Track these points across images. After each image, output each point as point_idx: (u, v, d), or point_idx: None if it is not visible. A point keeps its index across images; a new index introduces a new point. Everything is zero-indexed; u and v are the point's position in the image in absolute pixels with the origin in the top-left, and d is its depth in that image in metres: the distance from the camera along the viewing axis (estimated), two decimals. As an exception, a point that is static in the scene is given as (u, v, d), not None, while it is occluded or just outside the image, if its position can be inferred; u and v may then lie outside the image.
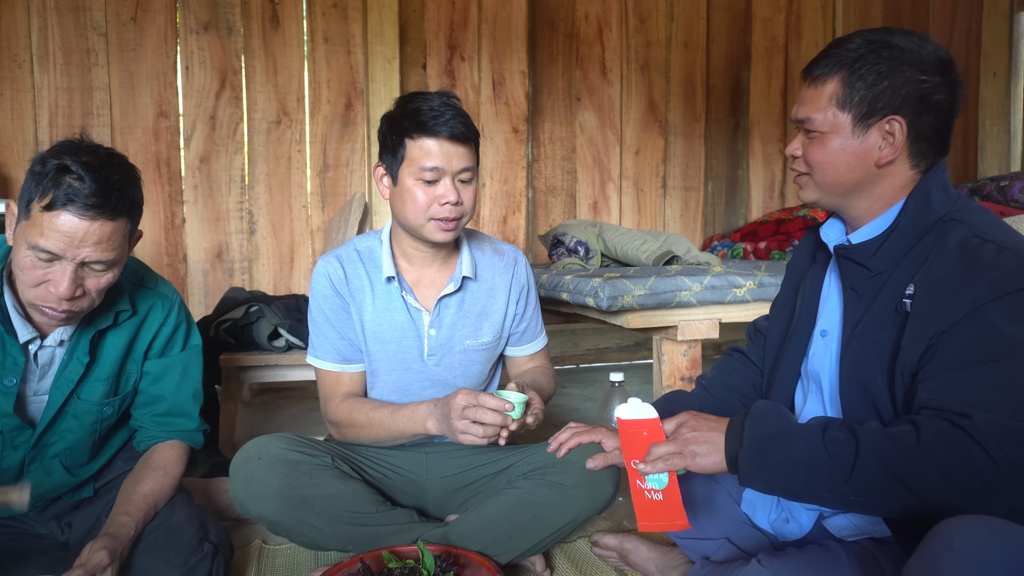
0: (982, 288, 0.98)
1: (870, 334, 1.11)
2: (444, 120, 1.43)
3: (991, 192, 3.30)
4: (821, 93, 1.13)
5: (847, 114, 1.10)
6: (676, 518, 1.11)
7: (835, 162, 1.12)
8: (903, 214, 1.11)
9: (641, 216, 4.22)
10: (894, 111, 1.08)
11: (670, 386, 2.16)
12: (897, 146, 1.09)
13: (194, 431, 1.56)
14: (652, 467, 1.09)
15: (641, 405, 1.19)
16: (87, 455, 1.48)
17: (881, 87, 1.08)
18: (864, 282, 1.15)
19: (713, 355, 4.33)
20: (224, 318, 2.33)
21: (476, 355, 1.62)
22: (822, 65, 1.13)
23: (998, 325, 0.96)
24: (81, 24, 3.15)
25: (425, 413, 1.45)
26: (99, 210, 1.21)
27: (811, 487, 1.00)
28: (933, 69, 1.08)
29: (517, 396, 1.34)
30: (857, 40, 1.11)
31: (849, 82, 1.10)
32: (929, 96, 1.08)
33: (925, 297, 1.04)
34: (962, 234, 1.05)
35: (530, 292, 1.71)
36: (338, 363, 1.58)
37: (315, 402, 1.65)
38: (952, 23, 4.62)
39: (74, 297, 1.25)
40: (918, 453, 0.93)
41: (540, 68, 3.97)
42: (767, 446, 1.04)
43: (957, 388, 0.97)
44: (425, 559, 1.33)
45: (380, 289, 1.57)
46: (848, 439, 0.98)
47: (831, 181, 1.14)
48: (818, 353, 1.24)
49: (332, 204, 3.55)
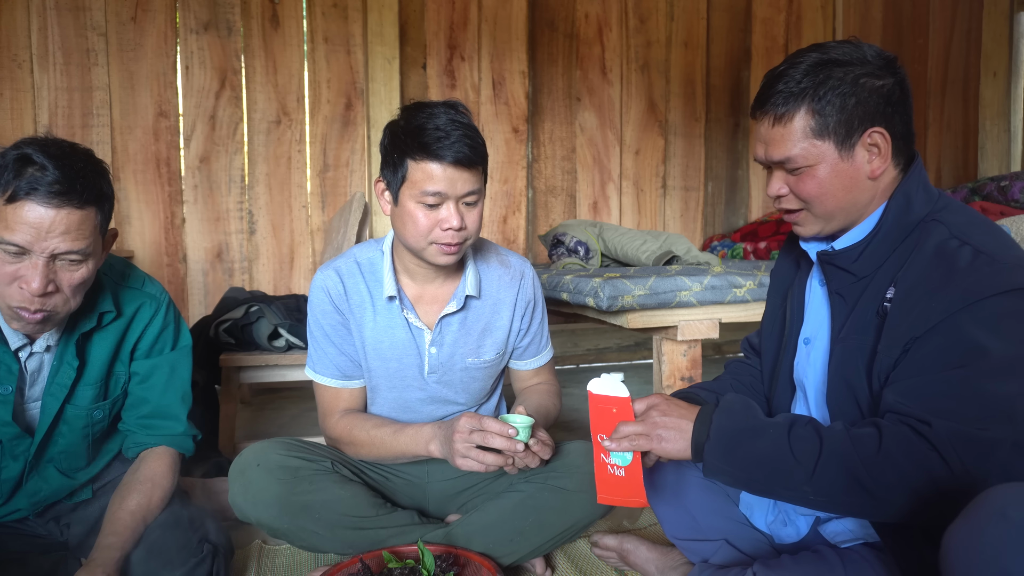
0: (956, 294, 0.98)
1: (853, 338, 1.12)
2: (449, 143, 1.33)
3: (991, 192, 3.30)
4: (791, 130, 1.09)
5: (828, 141, 1.08)
6: (635, 495, 1.14)
7: (832, 189, 1.10)
8: (885, 217, 1.10)
9: (641, 216, 4.21)
10: (871, 123, 1.07)
11: (670, 386, 2.16)
12: (885, 154, 1.09)
13: (182, 435, 1.50)
14: (618, 445, 1.12)
15: (614, 382, 1.19)
16: (83, 459, 1.46)
17: (851, 105, 1.07)
18: (849, 286, 1.15)
19: (713, 355, 4.33)
20: (224, 318, 2.33)
21: (477, 372, 1.59)
22: (778, 103, 1.10)
23: (969, 332, 0.96)
24: (81, 24, 3.15)
25: (429, 435, 1.42)
26: (64, 197, 1.16)
27: (773, 484, 1.03)
28: (883, 71, 1.08)
29: (522, 420, 1.30)
30: (800, 67, 1.09)
31: (818, 110, 1.07)
32: (891, 96, 1.08)
33: (902, 301, 1.04)
34: (941, 235, 1.05)
35: (536, 306, 1.65)
36: (338, 379, 1.56)
37: (315, 401, 1.64)
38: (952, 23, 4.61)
39: (47, 293, 1.20)
40: (879, 457, 0.95)
41: (540, 68, 3.97)
42: (733, 441, 1.06)
43: (922, 393, 0.98)
44: (425, 559, 1.33)
45: (381, 305, 1.52)
46: (812, 438, 1.01)
47: (833, 209, 1.12)
48: (801, 361, 1.25)
49: (332, 204, 3.55)
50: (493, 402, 1.71)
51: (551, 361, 1.73)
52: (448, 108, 1.39)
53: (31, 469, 1.39)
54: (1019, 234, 2.75)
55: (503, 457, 1.29)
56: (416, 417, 1.58)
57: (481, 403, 1.66)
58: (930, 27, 4.66)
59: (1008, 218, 2.90)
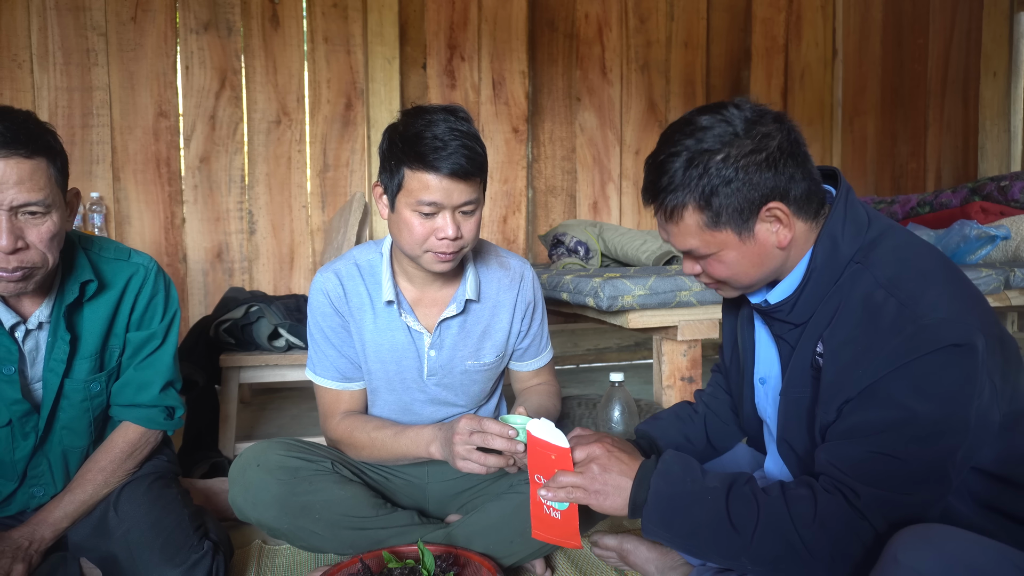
0: (882, 357, 0.97)
1: (793, 391, 1.13)
2: (446, 154, 1.30)
3: (991, 192, 3.30)
4: (686, 226, 1.07)
5: (725, 230, 1.05)
6: (570, 537, 1.16)
7: (743, 268, 1.09)
8: (813, 263, 1.07)
9: (641, 216, 4.21)
10: (765, 200, 1.03)
11: (670, 386, 2.16)
12: (789, 223, 1.05)
13: (150, 407, 1.49)
14: (554, 495, 1.13)
15: (554, 431, 1.19)
16: (84, 437, 1.46)
17: (735, 189, 1.02)
18: (788, 332, 1.15)
19: (713, 355, 4.32)
20: (224, 318, 2.33)
21: (477, 375, 1.59)
22: (664, 200, 1.06)
23: (896, 396, 0.96)
24: (81, 24, 3.15)
25: (429, 437, 1.41)
26: (11, 147, 1.18)
27: (710, 552, 1.05)
28: (756, 133, 1.02)
29: (523, 420, 1.30)
30: (677, 160, 1.04)
31: (705, 204, 1.03)
32: (776, 159, 1.02)
33: (831, 362, 1.04)
34: (867, 285, 1.02)
35: (536, 308, 1.64)
36: (338, 381, 1.56)
37: (316, 401, 1.64)
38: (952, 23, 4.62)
39: (17, 249, 1.21)
40: (814, 525, 0.98)
41: (540, 68, 3.97)
42: (671, 506, 1.06)
43: (851, 459, 1.00)
44: (425, 559, 1.33)
45: (380, 307, 1.52)
46: (750, 504, 1.02)
47: (749, 282, 1.11)
48: (761, 399, 1.27)
49: (332, 204, 3.55)
50: (493, 403, 1.70)
51: (551, 362, 1.73)
52: (448, 115, 1.35)
53: (39, 448, 1.41)
54: (1019, 234, 2.75)
55: (504, 458, 1.29)
56: (416, 419, 1.58)
57: (481, 405, 1.66)
58: (930, 27, 4.66)
59: (1008, 218, 2.90)
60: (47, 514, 1.38)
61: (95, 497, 1.43)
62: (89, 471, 1.44)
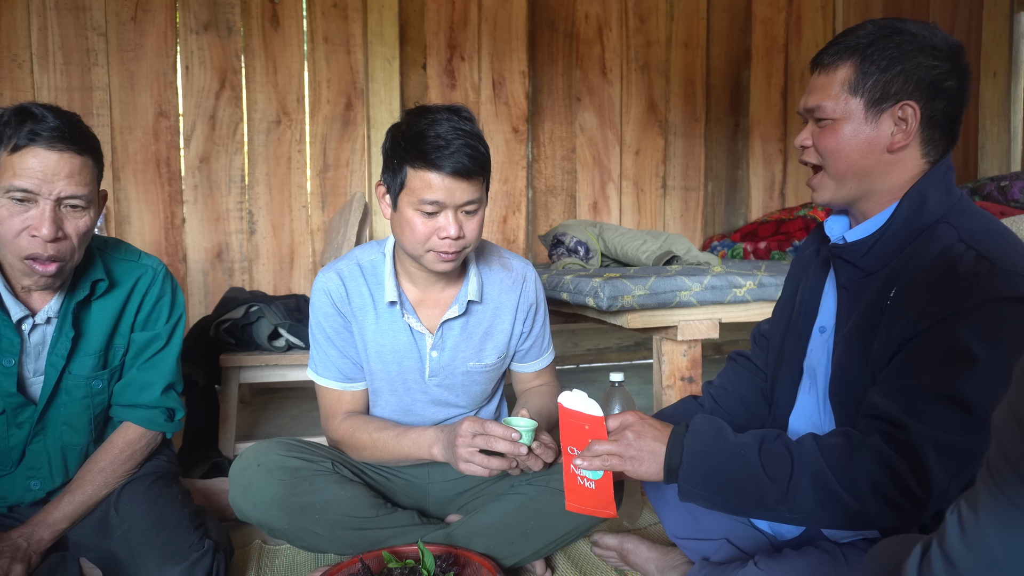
0: (951, 297, 0.96)
1: (855, 334, 1.11)
2: (449, 153, 1.30)
3: (991, 192, 3.30)
4: (832, 80, 1.11)
5: (859, 99, 1.08)
6: (605, 507, 1.16)
7: (847, 149, 1.10)
8: (897, 213, 1.09)
9: (641, 216, 4.21)
10: (907, 96, 1.06)
11: (670, 386, 2.16)
12: (910, 132, 1.07)
13: (151, 408, 1.51)
14: (590, 464, 1.14)
15: (587, 400, 1.20)
16: (84, 435, 1.46)
17: (894, 72, 1.06)
18: (856, 282, 1.15)
19: (713, 355, 4.33)
20: (224, 318, 2.33)
21: (479, 376, 1.59)
22: (833, 52, 1.11)
23: (960, 338, 0.95)
24: (81, 24, 3.15)
25: (432, 439, 1.41)
26: (65, 142, 1.25)
27: (748, 506, 1.05)
28: (944, 56, 1.07)
29: (526, 423, 1.30)
30: (869, 27, 1.09)
31: (862, 67, 1.08)
32: (941, 82, 1.06)
33: (900, 303, 1.04)
34: (949, 239, 1.03)
35: (538, 309, 1.64)
36: (340, 382, 1.56)
37: (316, 402, 1.64)
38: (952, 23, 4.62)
39: (57, 239, 1.26)
40: (850, 467, 0.96)
41: (540, 68, 3.97)
42: (706, 465, 1.06)
43: (905, 396, 0.98)
44: (425, 559, 1.33)
45: (383, 308, 1.52)
46: (783, 454, 1.01)
47: (843, 170, 1.12)
48: (816, 349, 1.25)
49: (332, 204, 3.55)
50: (494, 404, 1.71)
51: (553, 363, 1.73)
52: (451, 114, 1.36)
53: (34, 437, 1.41)
54: (1019, 234, 2.75)
55: (507, 460, 1.29)
56: (417, 420, 1.58)
57: (482, 406, 1.66)
58: (930, 27, 4.65)
59: (1008, 218, 2.90)
60: (46, 515, 1.39)
61: (94, 498, 1.43)
62: (88, 472, 1.44)
